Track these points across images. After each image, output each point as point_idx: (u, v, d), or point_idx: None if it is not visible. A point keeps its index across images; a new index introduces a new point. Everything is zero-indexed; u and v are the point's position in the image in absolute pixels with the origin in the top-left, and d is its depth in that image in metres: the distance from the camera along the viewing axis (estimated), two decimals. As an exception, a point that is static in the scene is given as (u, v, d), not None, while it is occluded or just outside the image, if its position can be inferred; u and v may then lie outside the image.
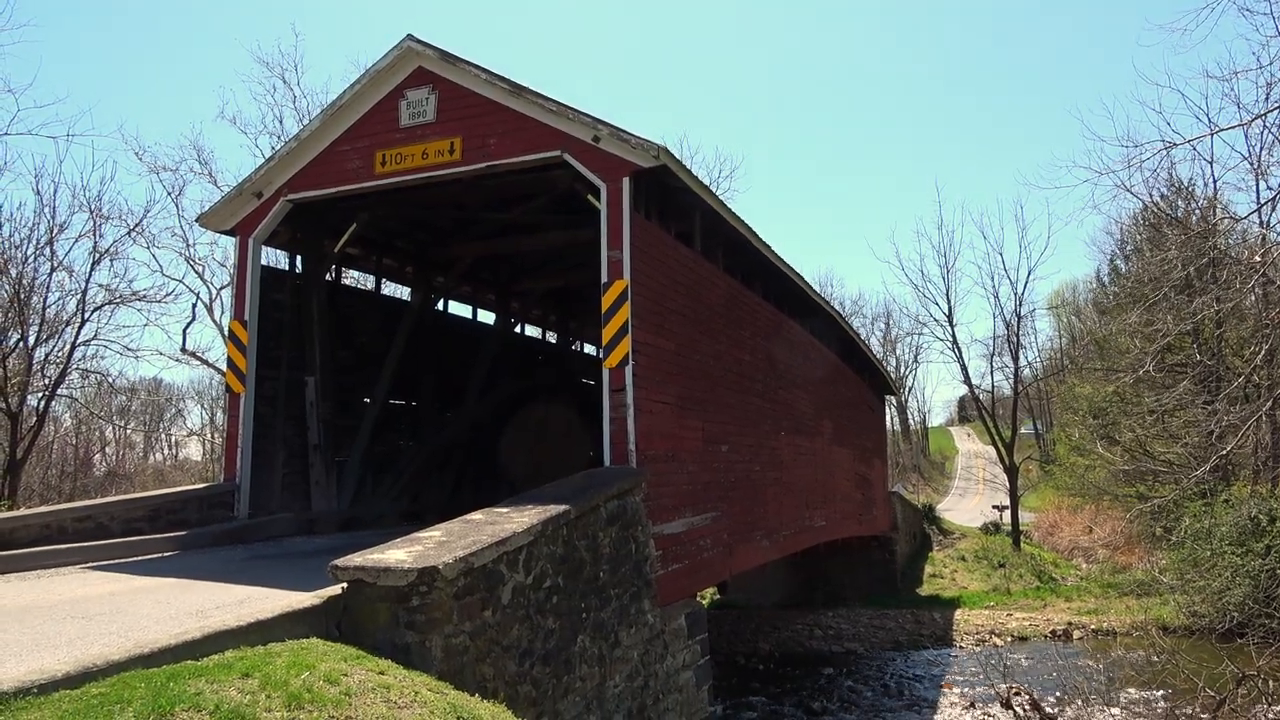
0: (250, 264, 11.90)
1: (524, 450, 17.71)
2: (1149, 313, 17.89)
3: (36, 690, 3.62)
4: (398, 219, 14.57)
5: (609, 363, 9.80)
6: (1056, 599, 25.97)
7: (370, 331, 14.69)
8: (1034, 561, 31.98)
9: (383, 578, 5.37)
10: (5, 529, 8.90)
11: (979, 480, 65.72)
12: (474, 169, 10.84)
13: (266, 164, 11.96)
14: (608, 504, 8.41)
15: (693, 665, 10.02)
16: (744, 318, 14.02)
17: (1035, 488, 46.85)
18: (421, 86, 11.16)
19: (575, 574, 7.50)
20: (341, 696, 4.16)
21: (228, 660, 4.35)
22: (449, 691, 4.89)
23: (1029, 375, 48.04)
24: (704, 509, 11.34)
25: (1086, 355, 43.49)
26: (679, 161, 10.59)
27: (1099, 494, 34.31)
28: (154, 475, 41.98)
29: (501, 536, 6.28)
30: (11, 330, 22.66)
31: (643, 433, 9.71)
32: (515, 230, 15.05)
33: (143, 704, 3.59)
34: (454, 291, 17.44)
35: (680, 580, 10.15)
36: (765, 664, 20.10)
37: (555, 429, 19.03)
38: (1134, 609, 22.24)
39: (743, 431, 13.44)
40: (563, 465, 17.86)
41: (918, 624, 23.25)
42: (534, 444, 18.15)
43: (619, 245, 9.94)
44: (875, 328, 71.78)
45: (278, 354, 12.51)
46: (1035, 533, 40.39)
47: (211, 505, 11.14)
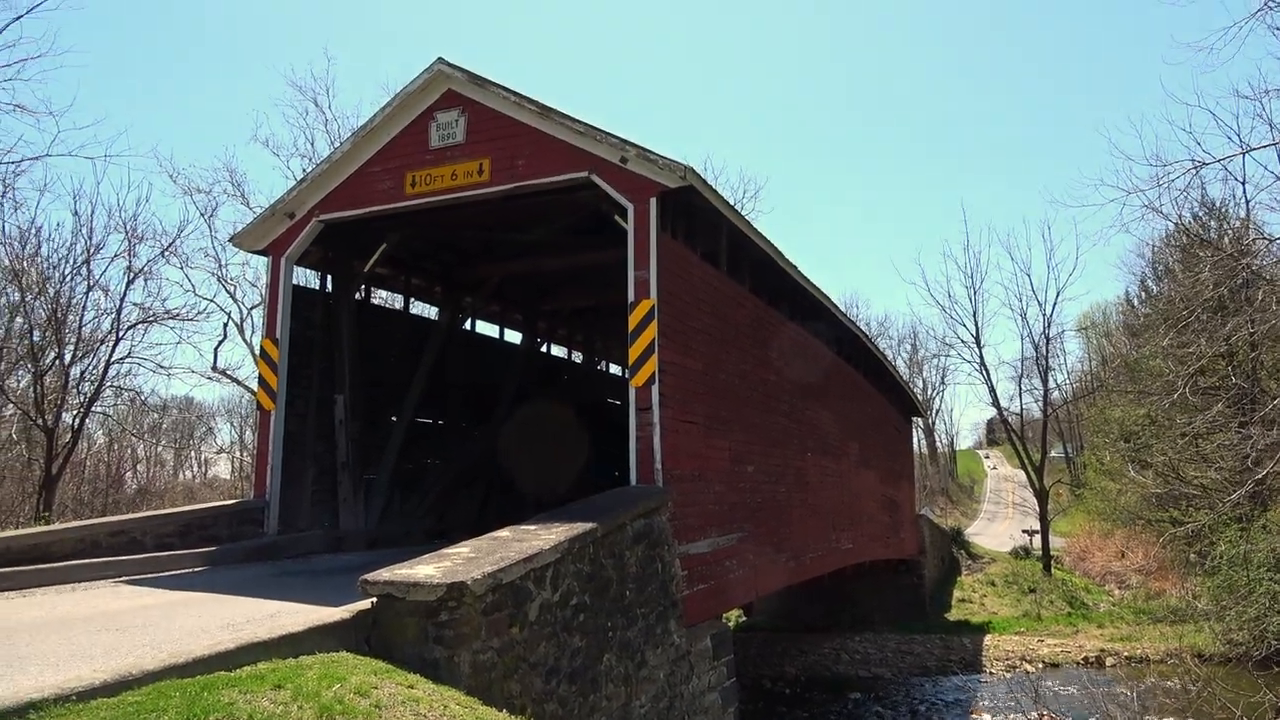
0: (282, 283, 12.08)
1: (550, 469, 17.75)
2: (1181, 334, 17.64)
3: (75, 698, 3.68)
4: (426, 239, 14.74)
5: (635, 381, 9.82)
6: (1088, 625, 25.53)
7: (398, 350, 14.83)
8: (1065, 587, 31.48)
9: (412, 593, 5.41)
10: (42, 543, 9.05)
11: (1008, 504, 64.89)
12: (502, 190, 10.96)
13: (299, 185, 12.17)
14: (634, 523, 8.41)
15: (718, 687, 9.95)
16: (770, 337, 14.01)
17: (1066, 512, 46.16)
18: (451, 109, 11.32)
19: (602, 592, 7.50)
20: (372, 709, 4.19)
21: (260, 671, 4.40)
22: (477, 707, 4.91)
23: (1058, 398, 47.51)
24: (730, 529, 11.30)
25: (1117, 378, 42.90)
26: (705, 182, 10.66)
27: (1131, 519, 33.73)
28: (184, 492, 42.43)
29: (529, 553, 6.30)
30: (49, 348, 23.11)
31: (669, 452, 9.71)
32: (542, 250, 15.18)
33: (178, 712, 3.64)
34: (481, 311, 17.59)
35: (706, 601, 10.11)
36: (791, 688, 19.91)
37: (581, 448, 19.06)
38: (1168, 636, 21.81)
39: (769, 452, 13.40)
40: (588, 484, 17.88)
41: (946, 649, 22.93)
42: (560, 463, 18.18)
43: (645, 265, 10.00)
44: (901, 349, 71.33)
45: (308, 372, 12.66)
46: (1066, 558, 39.77)
47: (241, 521, 11.26)
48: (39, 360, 22.91)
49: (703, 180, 10.48)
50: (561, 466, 18.16)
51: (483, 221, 13.33)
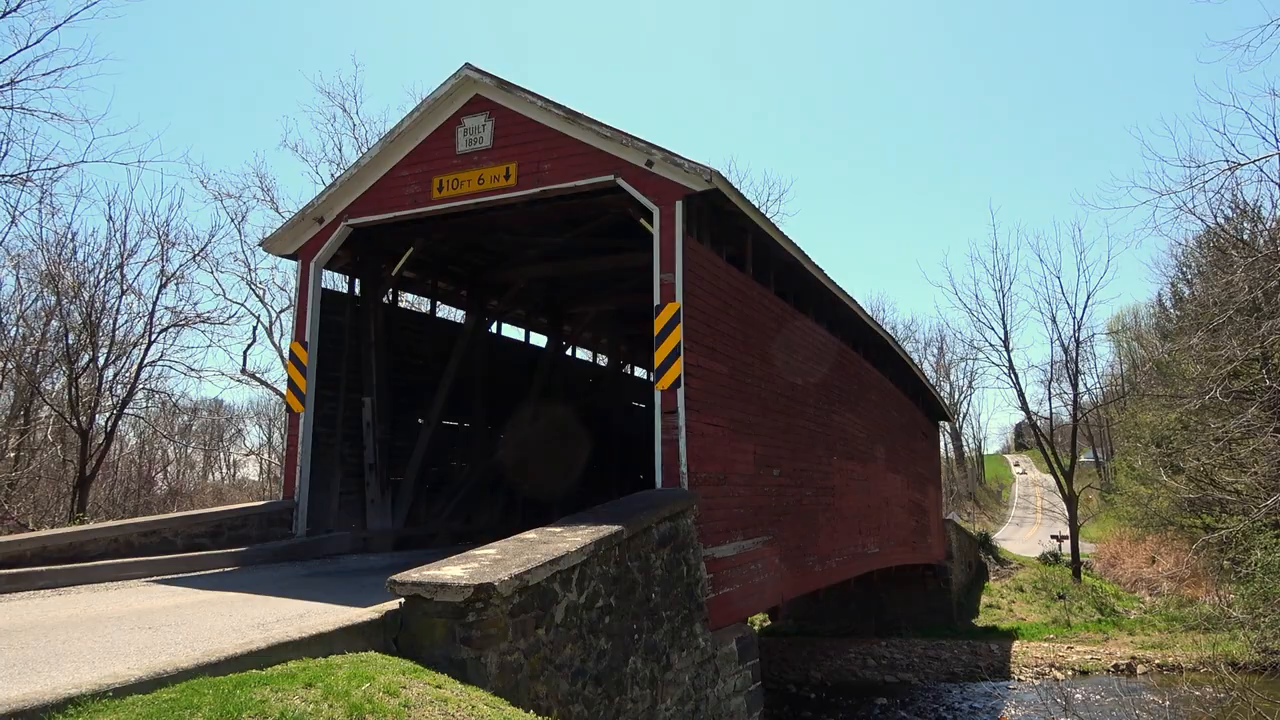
0: (311, 287, 12.21)
1: (574, 472, 17.79)
2: (1214, 337, 17.38)
3: (112, 694, 3.75)
4: (453, 243, 14.84)
5: (661, 385, 9.83)
6: (1119, 632, 25.18)
7: (425, 354, 14.93)
8: (1095, 593, 31.06)
9: (440, 593, 5.45)
10: (76, 542, 9.21)
11: (1037, 509, 64.14)
12: (528, 194, 11.02)
13: (328, 190, 12.30)
14: (659, 526, 8.41)
15: (744, 691, 9.92)
16: (796, 341, 13.97)
17: (1096, 517, 45.56)
18: (478, 114, 11.41)
19: (627, 595, 7.51)
20: (401, 708, 4.23)
21: (291, 670, 4.45)
22: (505, 707, 4.94)
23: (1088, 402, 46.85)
24: (755, 533, 11.27)
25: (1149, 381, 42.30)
26: (731, 185, 10.64)
27: (1163, 524, 33.22)
28: (213, 494, 42.99)
29: (555, 555, 6.33)
30: (83, 351, 23.50)
31: (694, 455, 9.71)
32: (568, 254, 15.23)
33: (211, 709, 3.69)
34: (507, 314, 17.68)
35: (732, 604, 10.09)
36: (816, 692, 19.79)
37: (606, 451, 19.08)
38: (1201, 644, 21.43)
39: (795, 456, 13.35)
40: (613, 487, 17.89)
41: (974, 655, 22.70)
42: (585, 466, 18.22)
43: (671, 268, 10.01)
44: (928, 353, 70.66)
45: (336, 375, 12.78)
46: (1096, 564, 39.24)
47: (271, 523, 11.39)
48: (74, 363, 23.32)
49: (728, 183, 10.47)
50: (587, 469, 18.21)
51: (509, 225, 13.40)
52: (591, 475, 18.23)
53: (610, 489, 15.79)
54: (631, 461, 18.35)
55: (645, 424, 10.67)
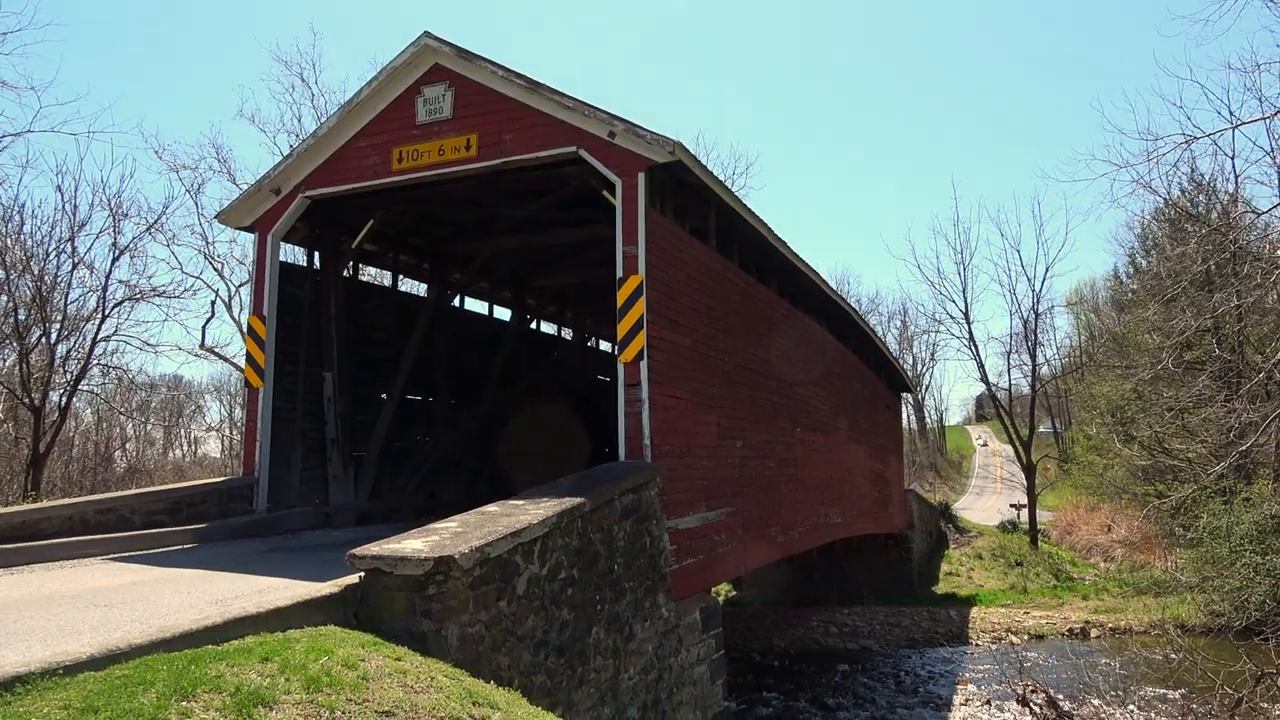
0: (269, 260, 12.01)
1: (539, 445, 17.78)
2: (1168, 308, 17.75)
3: (62, 671, 3.70)
4: (414, 215, 14.66)
5: (624, 357, 9.84)
6: (1074, 597, 25.83)
7: (387, 327, 14.78)
8: (1051, 560, 31.82)
9: (400, 567, 5.44)
10: (30, 520, 9.04)
11: (996, 479, 65.36)
12: (490, 165, 10.90)
13: (285, 161, 12.07)
14: (622, 498, 8.45)
15: (707, 659, 10.05)
16: (760, 314, 14.03)
17: (1053, 486, 46.56)
18: (438, 83, 11.23)
19: (590, 566, 7.55)
20: (359, 680, 4.23)
21: (247, 645, 4.43)
22: (465, 679, 4.95)
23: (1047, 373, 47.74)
24: (718, 504, 11.37)
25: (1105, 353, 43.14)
26: (694, 157, 10.61)
27: (1117, 492, 34.06)
28: (174, 471, 42.42)
29: (516, 528, 6.33)
30: (34, 326, 22.96)
31: (657, 428, 9.74)
32: (531, 226, 15.11)
33: (165, 685, 3.66)
34: (470, 288, 17.52)
35: (695, 575, 10.19)
36: (780, 660, 20.10)
37: (570, 424, 19.08)
38: (1152, 608, 22.10)
39: (758, 428, 13.45)
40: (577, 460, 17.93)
41: (934, 622, 23.18)
42: (549, 439, 18.21)
43: (634, 241, 9.98)
44: (891, 325, 71.50)
45: (296, 349, 12.62)
46: (1053, 531, 40.17)
47: (231, 499, 11.26)
48: (24, 339, 22.76)
49: (692, 156, 10.44)
50: (551, 443, 18.21)
51: (471, 197, 13.25)
52: (556, 448, 18.22)
53: (575, 461, 15.80)
54: (597, 434, 18.37)
55: (610, 397, 10.68)
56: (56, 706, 3.36)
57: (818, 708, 16.21)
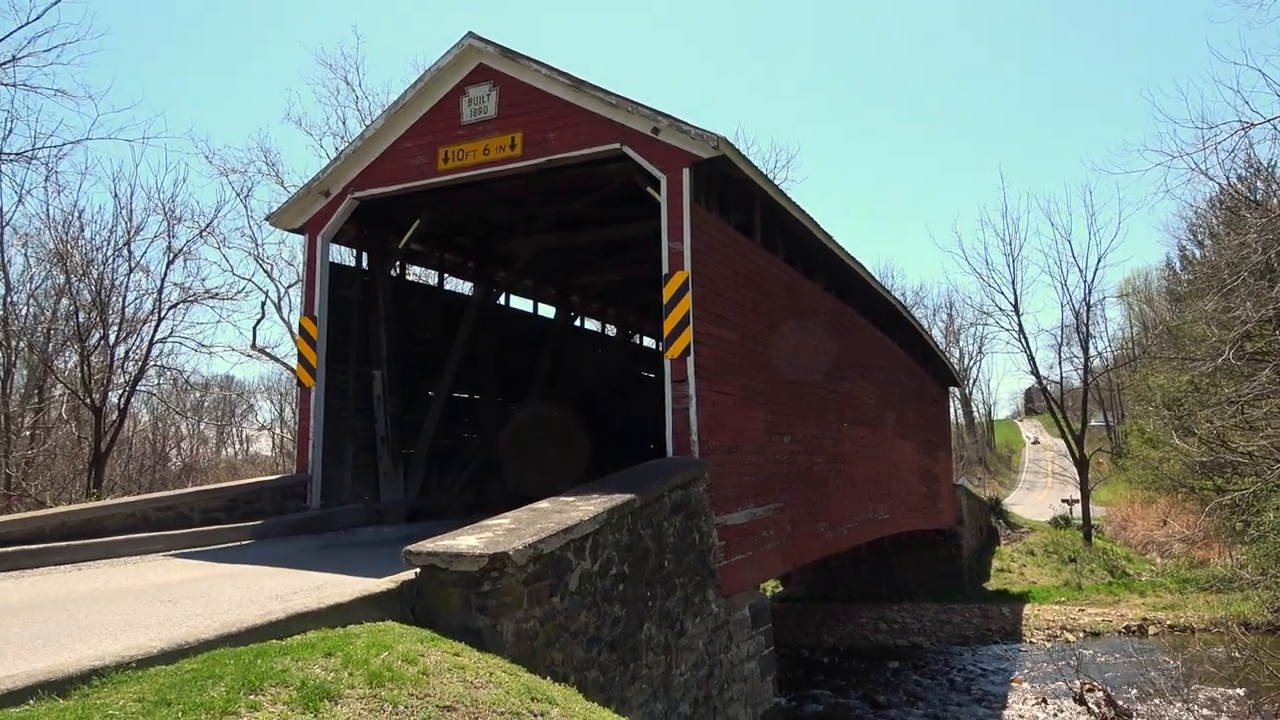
0: (319, 261, 12.20)
1: (584, 442, 17.84)
2: (1226, 299, 17.22)
3: (135, 665, 3.80)
4: (460, 215, 14.78)
5: (671, 354, 9.82)
6: (1130, 594, 25.28)
7: (434, 326, 14.93)
8: (1106, 556, 31.18)
9: (455, 563, 5.49)
10: (94, 518, 9.30)
11: (1047, 474, 64.15)
12: (535, 164, 10.94)
13: (333, 163, 12.24)
14: (671, 494, 8.45)
15: (757, 656, 10.01)
16: (805, 308, 13.92)
17: (1106, 481, 45.58)
18: (483, 83, 11.30)
19: (640, 562, 7.55)
20: (420, 675, 4.28)
21: (310, 640, 4.50)
22: (522, 674, 4.99)
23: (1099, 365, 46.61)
24: (766, 500, 11.31)
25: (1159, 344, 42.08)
26: (738, 151, 10.55)
27: (1174, 487, 33.21)
28: (226, 469, 43.33)
29: (568, 524, 6.36)
30: (94, 329, 23.60)
31: (705, 424, 9.72)
32: (575, 224, 15.16)
33: (233, 679, 3.74)
34: (515, 286, 17.63)
35: (744, 571, 10.15)
36: (829, 657, 19.97)
37: (616, 421, 19.12)
38: (1213, 605, 21.53)
39: (805, 423, 13.36)
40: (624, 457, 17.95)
41: (985, 619, 22.85)
42: (595, 436, 18.27)
43: (679, 237, 9.96)
44: (937, 318, 70.37)
45: (346, 349, 12.80)
46: (1107, 527, 39.33)
47: (285, 496, 11.48)
48: (85, 341, 23.42)
49: (736, 150, 10.38)
50: (597, 440, 18.26)
51: (515, 196, 13.33)
52: (602, 445, 18.27)
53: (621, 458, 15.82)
54: (642, 431, 18.39)
55: (655, 394, 10.67)
56: (131, 699, 3.45)
57: (868, 705, 16.06)
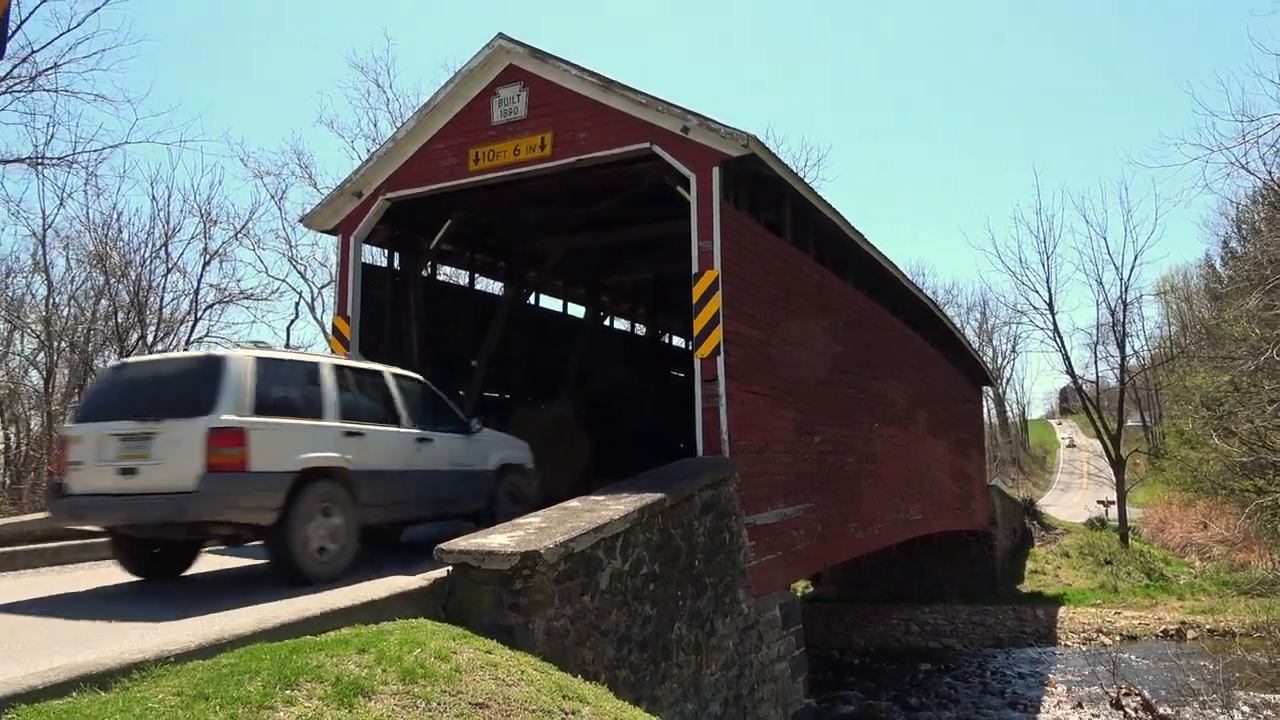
0: (352, 261, 12.32)
1: (614, 442, 17.85)
2: (1269, 297, 16.88)
3: (173, 659, 3.87)
4: (490, 215, 14.85)
5: (700, 353, 9.81)
6: (1168, 597, 24.85)
7: (465, 326, 15.03)
8: (1143, 558, 30.68)
9: (486, 561, 5.52)
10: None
11: (1082, 474, 63.31)
12: (565, 163, 10.98)
13: (365, 164, 12.37)
14: (702, 493, 8.43)
15: (787, 656, 9.97)
16: (836, 307, 13.84)
17: (1143, 482, 44.83)
18: (513, 84, 11.36)
19: (671, 562, 7.55)
20: (452, 673, 4.31)
21: (344, 636, 4.55)
22: (553, 672, 5.01)
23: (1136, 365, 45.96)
24: (797, 500, 11.25)
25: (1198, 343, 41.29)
26: (768, 149, 10.52)
27: (1213, 488, 32.54)
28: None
29: (599, 523, 6.37)
30: (132, 329, 24.02)
31: (735, 423, 9.69)
32: (605, 223, 15.19)
33: (269, 674, 3.79)
34: (545, 285, 17.70)
35: (774, 571, 10.11)
36: (860, 658, 19.83)
37: (645, 420, 19.11)
38: (1254, 608, 21.08)
39: (835, 422, 13.28)
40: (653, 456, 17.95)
41: (1019, 621, 22.56)
42: (624, 435, 18.27)
43: (709, 235, 9.94)
44: (970, 317, 69.58)
45: (378, 349, 12.90)
46: (1144, 529, 38.70)
47: (319, 494, 11.57)
48: (124, 341, 23.84)
49: (766, 148, 10.35)
50: (626, 439, 18.26)
51: (545, 196, 13.38)
52: (632, 444, 18.27)
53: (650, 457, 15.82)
54: (671, 430, 18.37)
55: (684, 393, 10.66)
56: (170, 693, 3.51)
57: (900, 706, 15.93)
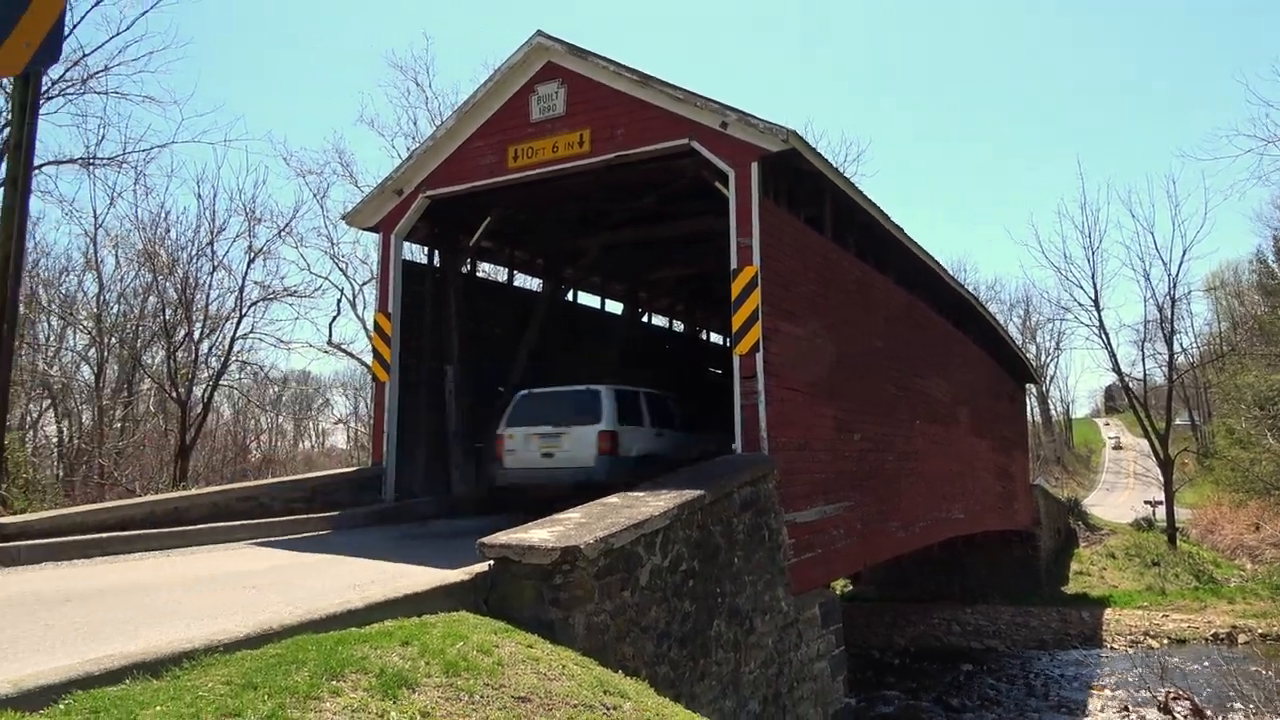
0: (393, 258, 12.46)
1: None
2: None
3: (222, 649, 3.93)
4: (529, 212, 14.93)
5: (739, 350, 9.77)
6: (1218, 600, 24.24)
7: (504, 322, 15.12)
8: (1192, 560, 29.97)
9: (528, 556, 5.55)
10: (181, 507, 9.67)
11: (1129, 474, 61.99)
12: (603, 160, 10.99)
13: (405, 163, 12.49)
14: (741, 490, 8.40)
15: (827, 655, 9.89)
16: (876, 303, 13.70)
17: (1192, 482, 43.81)
18: (551, 81, 11.40)
19: (710, 559, 7.53)
20: (495, 666, 4.34)
21: (388, 629, 4.60)
22: (594, 667, 5.02)
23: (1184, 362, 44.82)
24: (836, 498, 11.16)
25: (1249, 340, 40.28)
26: (808, 144, 10.44)
27: (1266, 489, 31.79)
28: (303, 461, 44.62)
29: (638, 519, 6.37)
30: (180, 325, 24.53)
31: (774, 420, 9.64)
32: (643, 220, 15.18)
33: (316, 665, 3.84)
34: (583, 282, 17.74)
35: (813, 569, 10.04)
36: (900, 658, 19.62)
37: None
38: (1310, 613, 20.55)
39: (876, 420, 13.14)
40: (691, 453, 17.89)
41: (1064, 623, 22.17)
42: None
43: (748, 231, 9.89)
44: (1013, 314, 68.44)
45: (419, 344, 13.05)
46: (1193, 530, 37.81)
47: (360, 488, 11.77)
48: (171, 337, 24.36)
49: (805, 143, 10.27)
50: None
51: (584, 192, 13.42)
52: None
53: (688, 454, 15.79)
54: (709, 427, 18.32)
55: (722, 390, 10.62)
56: (219, 681, 3.57)
57: (941, 708, 15.73)
